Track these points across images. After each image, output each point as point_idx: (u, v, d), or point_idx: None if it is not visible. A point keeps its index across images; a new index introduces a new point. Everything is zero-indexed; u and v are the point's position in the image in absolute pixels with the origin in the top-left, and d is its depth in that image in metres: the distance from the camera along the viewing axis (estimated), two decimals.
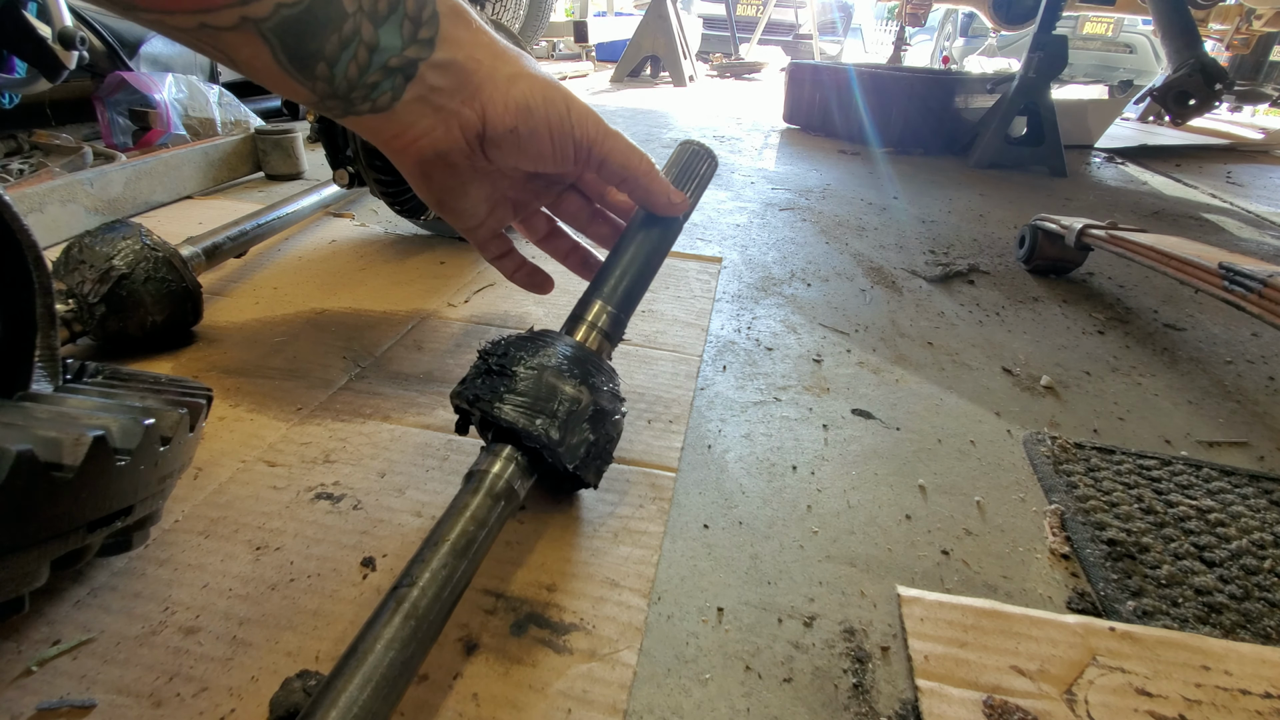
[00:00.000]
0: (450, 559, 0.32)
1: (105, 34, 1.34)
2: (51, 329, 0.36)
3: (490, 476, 0.37)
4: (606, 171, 0.41)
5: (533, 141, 0.37)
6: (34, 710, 0.32)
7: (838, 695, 0.36)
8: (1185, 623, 0.41)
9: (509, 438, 0.39)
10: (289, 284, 0.82)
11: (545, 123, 0.36)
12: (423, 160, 0.37)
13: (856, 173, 1.71)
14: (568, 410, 0.39)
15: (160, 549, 0.42)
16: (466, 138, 0.36)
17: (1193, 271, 0.73)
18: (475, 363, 0.43)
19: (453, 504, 0.36)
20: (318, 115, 0.83)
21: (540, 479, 0.45)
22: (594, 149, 0.39)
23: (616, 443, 0.44)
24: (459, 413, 0.44)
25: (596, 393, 0.41)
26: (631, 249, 0.45)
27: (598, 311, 0.44)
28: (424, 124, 0.35)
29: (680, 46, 3.67)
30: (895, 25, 3.22)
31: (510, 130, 0.36)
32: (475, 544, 0.34)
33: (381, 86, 0.33)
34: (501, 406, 0.38)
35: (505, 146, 0.37)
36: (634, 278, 0.45)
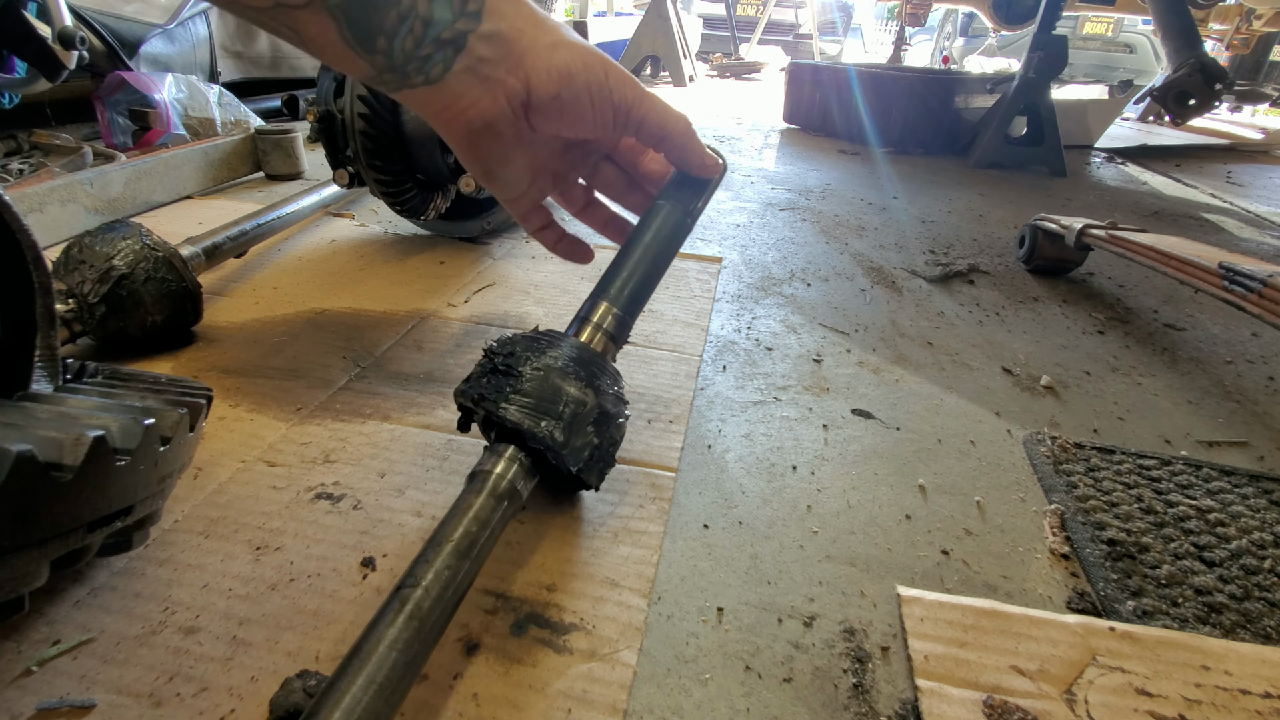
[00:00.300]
0: (453, 559, 0.32)
1: (105, 34, 1.34)
2: (51, 329, 0.36)
3: (494, 477, 0.37)
4: (645, 132, 0.41)
5: (575, 106, 0.38)
6: (34, 710, 0.32)
7: (838, 695, 0.36)
8: (1185, 623, 0.41)
9: (513, 438, 0.39)
10: (289, 284, 0.82)
11: (586, 88, 0.37)
12: (471, 130, 0.38)
13: (856, 173, 1.71)
14: (573, 412, 0.39)
15: (160, 549, 0.42)
16: (512, 106, 0.37)
17: (1193, 271, 0.73)
18: (480, 361, 0.43)
19: (456, 504, 0.36)
20: (318, 115, 0.83)
21: (541, 479, 0.45)
22: (632, 111, 0.40)
23: (619, 445, 0.44)
24: (463, 411, 0.44)
25: (601, 395, 0.41)
26: (638, 250, 0.45)
27: (603, 313, 0.44)
28: (472, 94, 0.36)
29: (680, 46, 3.67)
30: (895, 25, 3.22)
31: (554, 96, 0.37)
32: (478, 544, 0.34)
33: (434, 59, 0.34)
34: (507, 407, 0.38)
35: (549, 113, 0.38)
36: (640, 280, 0.45)
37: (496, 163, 0.41)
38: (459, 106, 0.36)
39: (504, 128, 0.38)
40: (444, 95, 0.36)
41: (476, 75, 0.35)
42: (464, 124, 0.37)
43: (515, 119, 0.38)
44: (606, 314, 0.45)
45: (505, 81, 0.36)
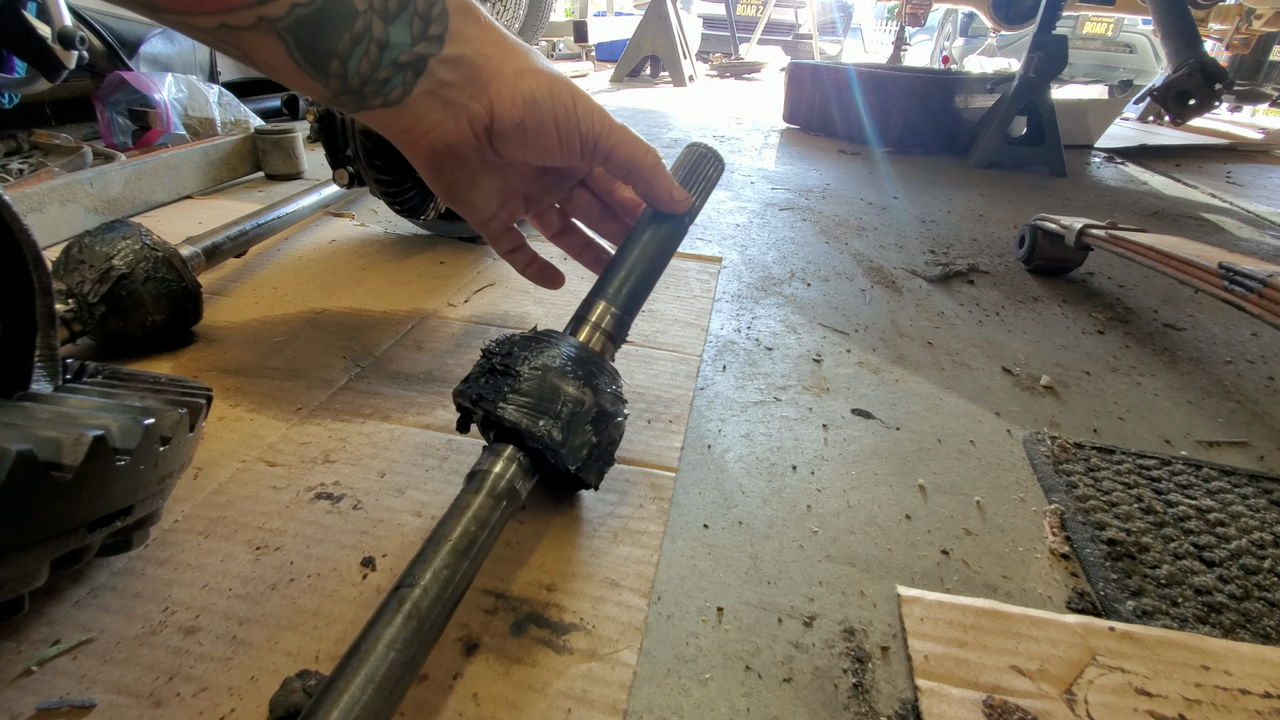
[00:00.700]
0: (452, 559, 0.32)
1: (105, 34, 1.34)
2: (51, 329, 0.36)
3: (492, 476, 0.37)
4: (612, 165, 0.41)
5: (539, 135, 0.37)
6: (34, 710, 0.32)
7: (838, 695, 0.36)
8: (1185, 622, 0.41)
9: (511, 438, 0.39)
10: (289, 284, 0.82)
11: (552, 116, 0.37)
12: (433, 153, 0.37)
13: (856, 172, 1.71)
14: (570, 412, 0.39)
15: (160, 549, 0.42)
16: (475, 131, 0.37)
17: (1192, 271, 0.73)
18: (479, 361, 0.43)
19: (455, 504, 0.36)
20: (318, 115, 0.83)
21: (541, 479, 0.45)
22: (599, 142, 0.39)
23: (618, 444, 0.44)
24: (461, 411, 0.44)
25: (599, 394, 0.41)
26: (636, 250, 0.45)
27: (601, 312, 0.44)
28: (434, 118, 0.36)
29: (680, 46, 3.67)
30: (895, 25, 3.22)
31: (517, 124, 0.36)
32: (477, 544, 0.34)
33: (392, 82, 0.34)
34: (505, 406, 0.38)
35: (512, 140, 0.37)
36: (638, 279, 0.45)
37: (460, 186, 0.40)
38: (420, 129, 0.36)
39: (467, 152, 0.38)
40: (404, 118, 0.36)
41: (438, 99, 0.35)
42: (426, 146, 0.37)
43: (479, 144, 0.38)
44: (605, 313, 0.44)
45: (469, 106, 0.36)
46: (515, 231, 0.48)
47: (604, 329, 0.44)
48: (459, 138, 0.37)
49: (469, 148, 0.38)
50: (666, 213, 0.45)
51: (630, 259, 0.45)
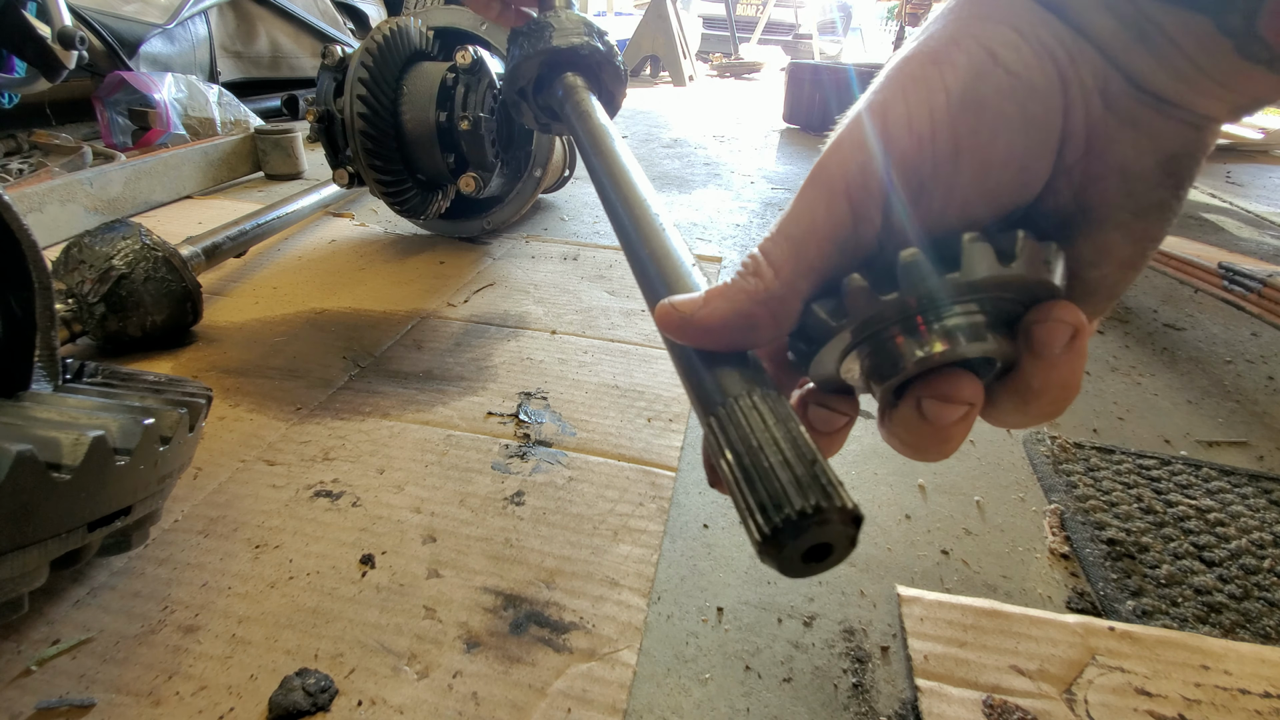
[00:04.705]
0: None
1: (105, 34, 1.34)
2: (51, 329, 0.36)
3: (580, 88, 0.47)
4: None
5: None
6: (33, 709, 0.32)
7: (837, 695, 0.36)
8: (1185, 622, 0.41)
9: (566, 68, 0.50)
10: (289, 284, 0.82)
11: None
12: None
13: None
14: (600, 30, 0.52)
15: (160, 548, 0.42)
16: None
17: (1192, 271, 0.73)
18: (509, 47, 0.54)
19: (584, 126, 0.41)
20: (318, 115, 0.83)
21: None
22: None
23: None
24: (518, 98, 0.55)
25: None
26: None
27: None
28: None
29: (680, 46, 3.67)
30: (895, 25, 3.22)
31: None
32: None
33: None
34: (559, 40, 0.50)
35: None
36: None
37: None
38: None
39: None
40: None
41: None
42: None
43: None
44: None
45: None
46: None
47: None
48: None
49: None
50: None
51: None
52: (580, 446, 0.54)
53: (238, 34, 1.76)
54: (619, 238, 0.33)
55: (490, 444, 0.53)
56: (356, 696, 0.34)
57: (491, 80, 0.83)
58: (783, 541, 0.17)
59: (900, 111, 0.19)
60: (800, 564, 0.17)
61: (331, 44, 0.84)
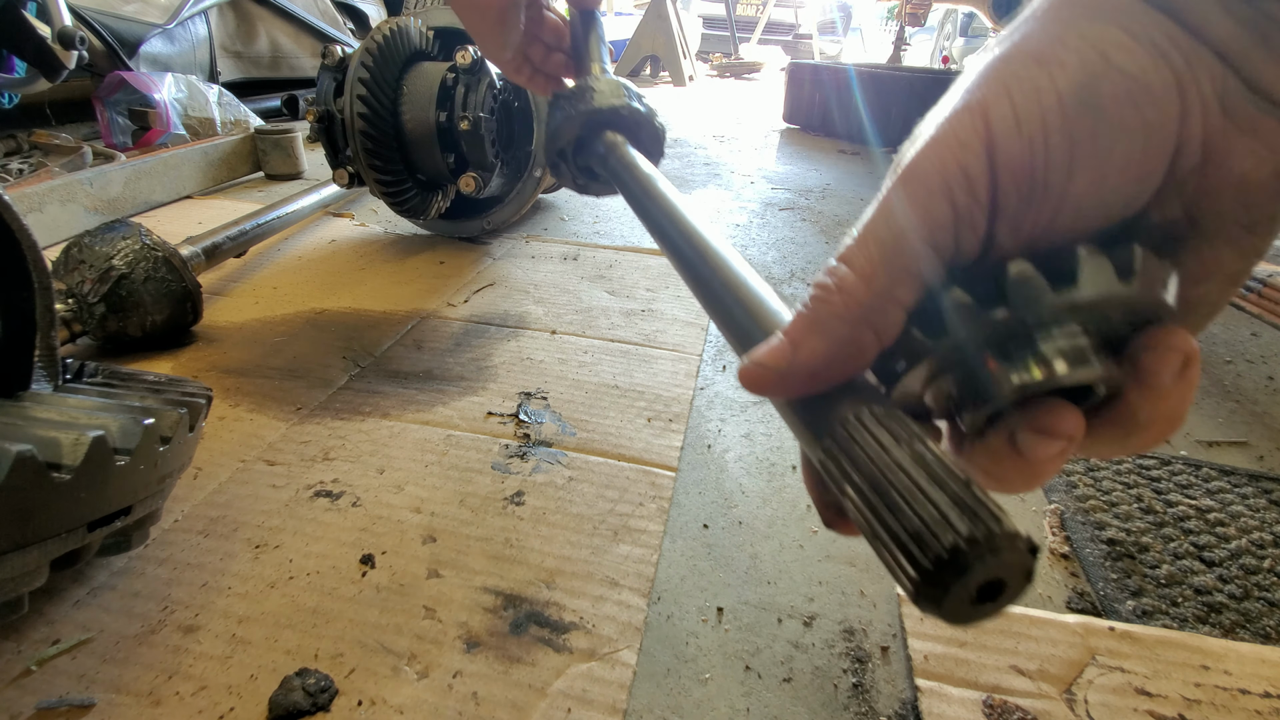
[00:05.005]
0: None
1: (105, 34, 1.34)
2: (51, 329, 0.36)
3: (620, 145, 0.48)
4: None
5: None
6: (33, 709, 0.32)
7: (837, 695, 0.36)
8: (1185, 622, 0.41)
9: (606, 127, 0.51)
10: (289, 284, 0.82)
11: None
12: (501, 10, 0.50)
13: (856, 172, 1.71)
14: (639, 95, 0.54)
15: (160, 548, 0.42)
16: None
17: None
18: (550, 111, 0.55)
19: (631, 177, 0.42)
20: (318, 115, 0.83)
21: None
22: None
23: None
24: (559, 157, 0.55)
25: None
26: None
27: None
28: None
29: (680, 46, 3.67)
30: (895, 25, 3.22)
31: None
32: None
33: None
34: (600, 102, 0.51)
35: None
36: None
37: (512, 30, 0.52)
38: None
39: (521, 1, 0.50)
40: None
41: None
42: (494, 5, 0.49)
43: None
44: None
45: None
46: (524, 57, 0.58)
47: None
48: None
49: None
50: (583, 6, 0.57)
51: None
52: (580, 446, 0.54)
53: (238, 34, 1.76)
54: (689, 283, 0.32)
55: (490, 444, 0.53)
56: (356, 696, 0.34)
57: (491, 80, 0.83)
58: (948, 580, 0.14)
59: (1006, 113, 0.17)
60: (969, 606, 0.15)
61: (331, 44, 0.84)
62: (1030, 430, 0.18)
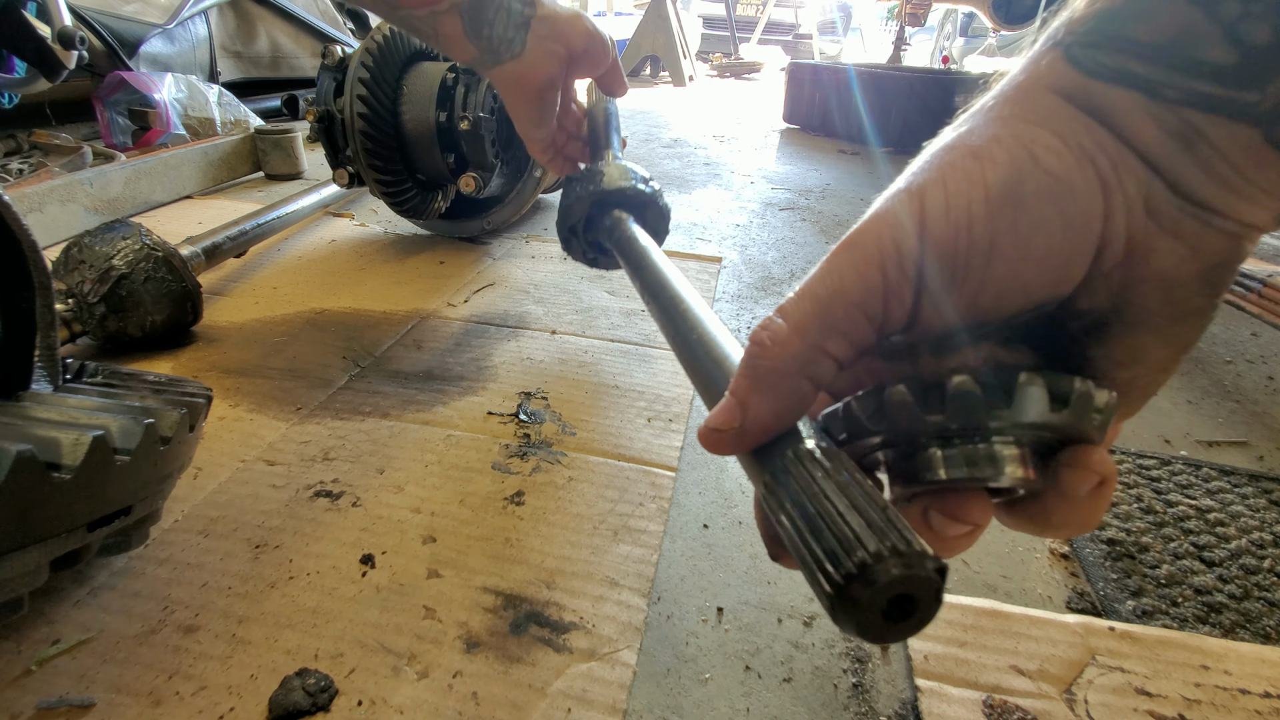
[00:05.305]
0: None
1: (105, 34, 1.34)
2: (51, 329, 0.36)
3: (630, 224, 0.51)
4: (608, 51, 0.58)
5: (595, 50, 0.54)
6: (33, 709, 0.32)
7: (837, 695, 0.36)
8: (1185, 622, 0.41)
9: (615, 207, 0.55)
10: (289, 284, 0.82)
11: (599, 38, 0.54)
12: (540, 89, 0.53)
13: (856, 172, 1.71)
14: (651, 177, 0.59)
15: (160, 548, 0.42)
16: (561, 65, 0.53)
17: None
18: (564, 191, 0.59)
19: (638, 260, 0.44)
20: (318, 115, 0.83)
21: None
22: (610, 38, 0.56)
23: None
24: (569, 235, 0.59)
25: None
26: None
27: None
28: (539, 61, 0.51)
29: (680, 46, 3.67)
30: (895, 25, 3.22)
31: (584, 50, 0.53)
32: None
33: (515, 39, 0.50)
34: (608, 185, 0.55)
35: (583, 63, 0.54)
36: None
37: (548, 111, 0.55)
38: (533, 73, 0.52)
39: (557, 82, 0.53)
40: (523, 66, 0.51)
41: (540, 48, 0.51)
42: (536, 84, 0.52)
43: (562, 74, 0.53)
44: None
45: (556, 50, 0.51)
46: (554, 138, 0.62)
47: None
48: (555, 71, 0.52)
49: (559, 78, 0.53)
50: (614, 94, 0.61)
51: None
52: (580, 446, 0.54)
53: (238, 34, 1.76)
54: (672, 346, 0.33)
55: (490, 444, 0.53)
56: (356, 696, 0.34)
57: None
58: (857, 594, 0.15)
59: (939, 199, 0.19)
60: (881, 621, 0.16)
61: (331, 44, 0.84)
62: (942, 512, 0.20)
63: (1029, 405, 0.18)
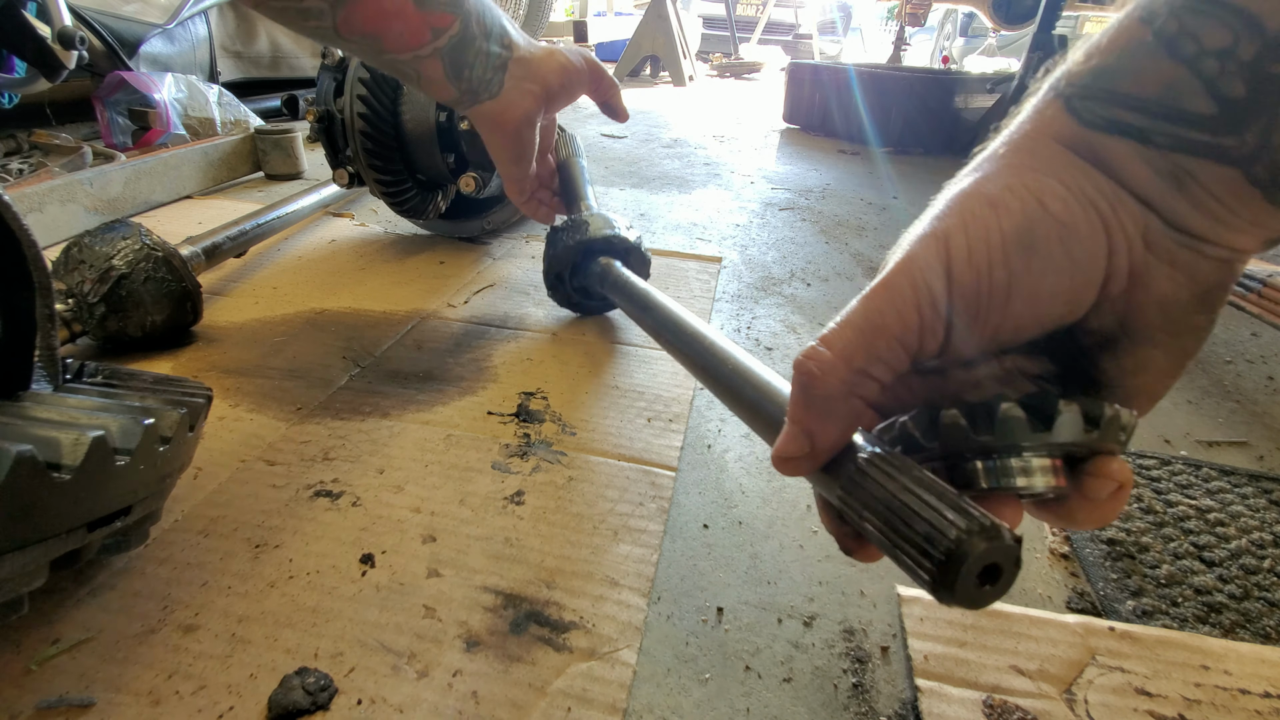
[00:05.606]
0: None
1: (105, 34, 1.34)
2: (51, 329, 0.36)
3: (616, 268, 0.59)
4: (600, 85, 0.61)
5: (572, 83, 0.57)
6: (33, 709, 0.32)
7: (837, 695, 0.36)
8: (1185, 622, 0.41)
9: (601, 254, 0.63)
10: (289, 284, 0.82)
11: (575, 71, 0.57)
12: (518, 126, 0.55)
13: (856, 172, 1.71)
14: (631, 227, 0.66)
15: (160, 548, 0.42)
16: (538, 102, 0.55)
17: None
18: (548, 238, 0.67)
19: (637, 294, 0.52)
20: (317, 115, 0.83)
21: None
22: (594, 64, 0.60)
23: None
24: (556, 280, 0.67)
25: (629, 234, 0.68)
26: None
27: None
28: (517, 100, 0.54)
29: (680, 46, 3.67)
30: (895, 25, 3.22)
31: (562, 85, 0.56)
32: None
33: (494, 80, 0.52)
34: (594, 233, 0.63)
35: (561, 97, 0.57)
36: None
37: (528, 147, 0.57)
38: (510, 111, 0.54)
39: (535, 119, 0.56)
40: (500, 105, 0.54)
41: (517, 88, 0.53)
42: (514, 122, 0.55)
43: (540, 110, 0.56)
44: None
45: (532, 89, 0.54)
46: (531, 181, 0.64)
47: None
48: (534, 108, 0.55)
49: (536, 115, 0.55)
50: (616, 118, 0.64)
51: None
52: (580, 446, 0.54)
53: (238, 34, 1.76)
54: (701, 379, 0.38)
55: (490, 444, 0.53)
56: (356, 695, 0.34)
57: None
58: (957, 567, 0.18)
59: (961, 245, 0.21)
60: (977, 590, 0.19)
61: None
62: None
63: (1066, 428, 0.20)
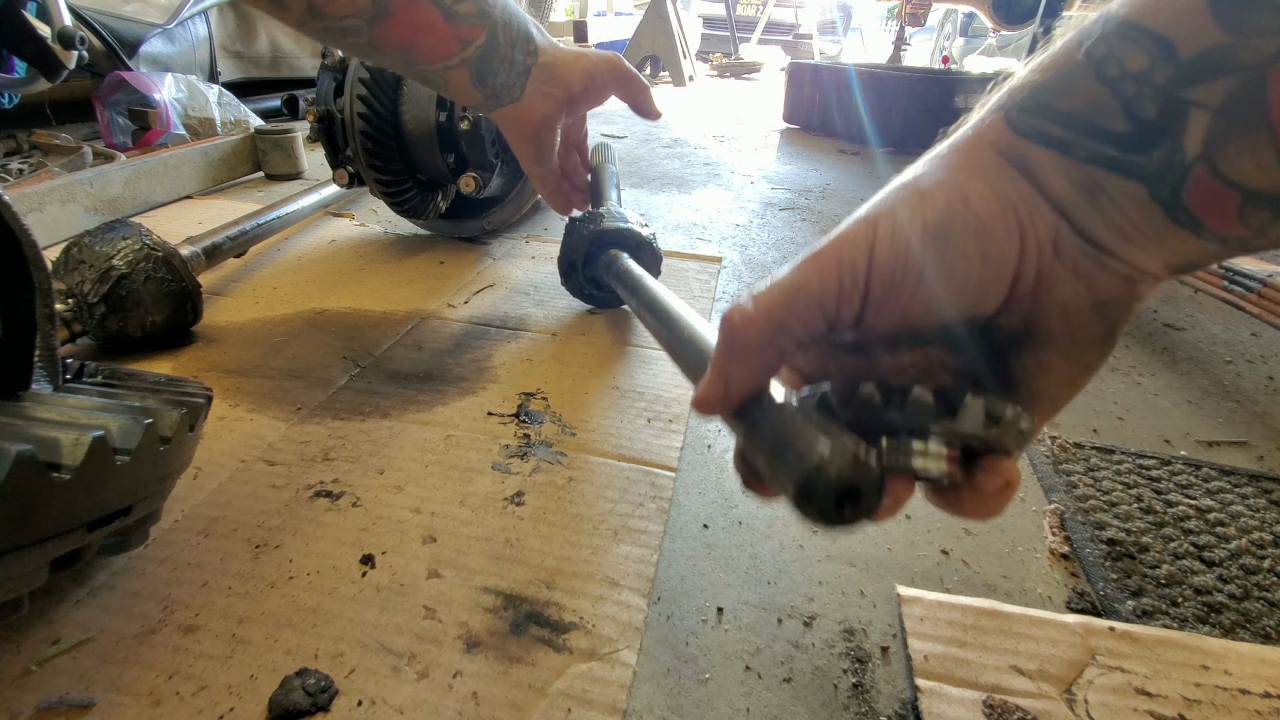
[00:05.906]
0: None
1: (105, 34, 1.34)
2: (51, 329, 0.36)
3: (624, 260, 0.59)
4: (629, 87, 0.62)
5: (596, 87, 0.57)
6: (33, 709, 0.32)
7: (837, 695, 0.36)
8: (1185, 622, 0.41)
9: (612, 246, 0.65)
10: (289, 284, 0.82)
11: (599, 75, 0.57)
12: (537, 129, 0.56)
13: (856, 172, 1.71)
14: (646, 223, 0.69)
15: (160, 548, 0.42)
16: (558, 106, 0.56)
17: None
18: (565, 232, 0.70)
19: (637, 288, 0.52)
20: (318, 115, 0.83)
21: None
22: (627, 71, 0.59)
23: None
24: (569, 267, 0.70)
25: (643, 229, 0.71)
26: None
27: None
28: (537, 104, 0.55)
29: (680, 46, 3.67)
30: (895, 25, 3.22)
31: (585, 89, 0.56)
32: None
33: (516, 85, 0.54)
34: (606, 224, 0.66)
35: (583, 100, 0.57)
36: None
37: (548, 149, 0.58)
38: (531, 115, 0.55)
39: (555, 122, 0.57)
40: (522, 109, 0.55)
41: (539, 91, 0.55)
42: (533, 125, 0.56)
43: (561, 114, 0.57)
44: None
45: (553, 93, 0.55)
46: (558, 173, 0.65)
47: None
48: (553, 111, 0.56)
49: (556, 118, 0.57)
50: (648, 118, 0.65)
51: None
52: (580, 446, 0.54)
53: (238, 34, 1.76)
54: (665, 348, 0.40)
55: (490, 444, 0.53)
56: (356, 696, 0.34)
57: None
58: (815, 484, 0.19)
59: (887, 228, 0.23)
60: (835, 511, 0.20)
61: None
62: None
63: (969, 419, 0.22)
